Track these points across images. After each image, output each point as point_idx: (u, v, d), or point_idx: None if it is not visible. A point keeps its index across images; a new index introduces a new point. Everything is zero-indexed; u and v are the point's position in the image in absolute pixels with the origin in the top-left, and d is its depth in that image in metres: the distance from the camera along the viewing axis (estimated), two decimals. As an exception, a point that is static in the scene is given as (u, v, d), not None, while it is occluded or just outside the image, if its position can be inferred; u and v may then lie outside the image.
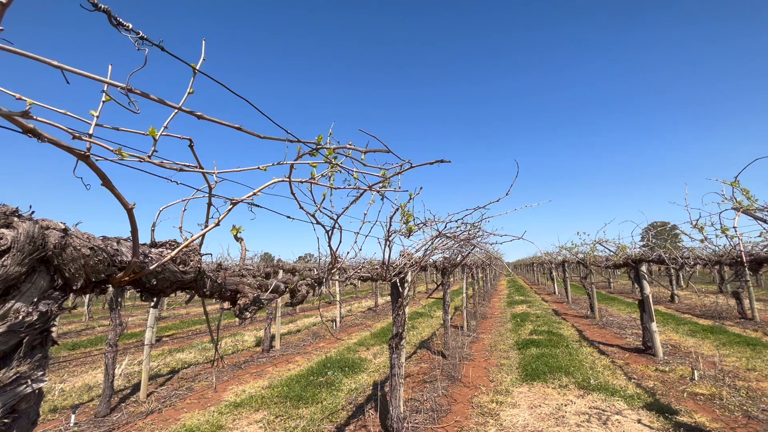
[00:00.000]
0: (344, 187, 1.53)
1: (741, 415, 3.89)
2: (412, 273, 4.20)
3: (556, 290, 17.70)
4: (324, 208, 1.66)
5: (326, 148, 1.14)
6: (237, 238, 1.60)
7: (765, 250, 3.67)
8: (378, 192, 1.63)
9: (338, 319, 10.75)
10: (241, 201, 1.21)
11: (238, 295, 1.52)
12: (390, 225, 2.12)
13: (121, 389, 5.42)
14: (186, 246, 1.13)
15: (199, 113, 0.82)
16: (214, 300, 1.48)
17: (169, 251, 1.14)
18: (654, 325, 6.29)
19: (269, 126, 1.15)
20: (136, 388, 5.37)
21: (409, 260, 3.65)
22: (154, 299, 1.16)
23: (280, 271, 8.65)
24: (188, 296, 1.29)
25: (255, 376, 5.98)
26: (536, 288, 22.47)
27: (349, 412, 4.39)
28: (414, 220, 1.97)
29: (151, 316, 5.13)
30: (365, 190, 1.57)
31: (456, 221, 2.91)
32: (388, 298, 18.69)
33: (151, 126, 0.82)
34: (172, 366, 6.61)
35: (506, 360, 6.34)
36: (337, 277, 3.12)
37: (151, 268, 1.04)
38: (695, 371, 5.08)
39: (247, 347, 8.10)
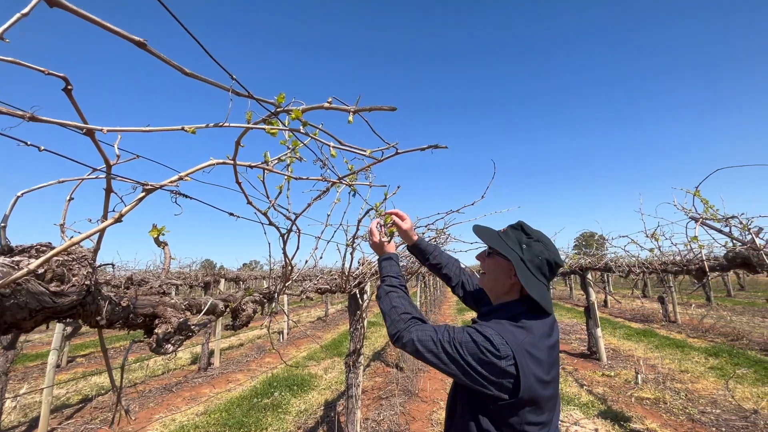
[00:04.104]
0: (307, 178, 1.19)
1: (685, 419, 4.04)
2: (372, 283, 3.89)
3: (503, 297, 18.29)
4: (279, 206, 1.29)
5: (289, 111, 0.80)
6: (158, 242, 1.19)
7: (707, 258, 3.88)
8: (349, 185, 1.31)
9: (286, 331, 10.08)
10: (160, 187, 0.83)
11: (156, 321, 1.11)
12: (358, 229, 1.80)
13: (14, 426, 4.45)
14: (60, 252, 0.72)
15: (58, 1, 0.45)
16: (119, 329, 1.05)
17: (32, 261, 0.73)
18: (599, 331, 6.54)
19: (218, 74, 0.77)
20: (34, 423, 4.44)
21: (370, 269, 3.34)
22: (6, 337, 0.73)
23: (222, 281, 7.90)
24: (71, 328, 0.87)
25: (188, 401, 5.25)
26: (483, 294, 23.12)
27: (298, 438, 3.94)
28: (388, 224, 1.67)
29: (57, 336, 4.26)
30: (334, 183, 1.24)
31: (425, 226, 2.65)
32: (339, 306, 18.15)
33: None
34: (84, 393, 5.63)
35: (462, 370, 6.21)
36: (292, 291, 2.72)
37: (-12, 289, 0.63)
38: (638, 375, 5.29)
39: (181, 366, 7.21)
